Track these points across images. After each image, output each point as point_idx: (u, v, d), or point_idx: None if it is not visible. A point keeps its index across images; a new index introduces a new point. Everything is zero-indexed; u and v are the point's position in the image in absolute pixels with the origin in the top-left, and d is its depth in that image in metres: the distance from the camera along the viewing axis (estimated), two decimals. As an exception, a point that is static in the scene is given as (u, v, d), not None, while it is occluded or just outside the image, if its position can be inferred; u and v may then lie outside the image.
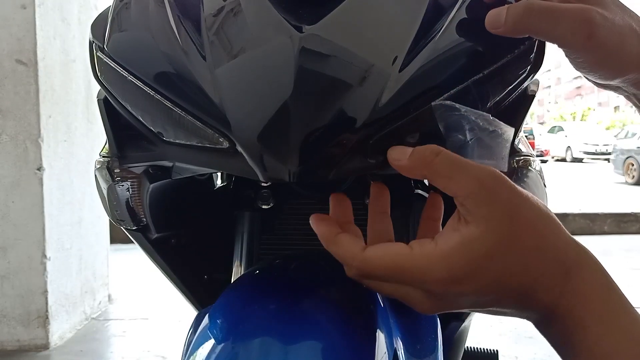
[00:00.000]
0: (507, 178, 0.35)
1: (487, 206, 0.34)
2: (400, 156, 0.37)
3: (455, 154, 0.36)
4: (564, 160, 18.78)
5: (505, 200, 0.34)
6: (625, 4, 0.43)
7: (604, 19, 0.40)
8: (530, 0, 0.39)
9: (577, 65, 0.43)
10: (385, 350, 0.40)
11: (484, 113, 0.38)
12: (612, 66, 0.42)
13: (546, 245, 0.34)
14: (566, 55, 0.43)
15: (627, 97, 0.47)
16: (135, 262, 2.75)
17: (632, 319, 0.34)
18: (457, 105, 0.38)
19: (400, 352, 0.44)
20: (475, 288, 0.34)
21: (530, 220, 0.34)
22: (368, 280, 0.37)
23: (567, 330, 0.34)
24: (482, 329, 2.42)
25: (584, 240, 0.38)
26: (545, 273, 0.34)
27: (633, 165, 10.21)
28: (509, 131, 0.39)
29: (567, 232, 0.36)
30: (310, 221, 0.40)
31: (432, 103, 0.38)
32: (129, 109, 0.45)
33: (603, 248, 3.90)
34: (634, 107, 0.47)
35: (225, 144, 0.39)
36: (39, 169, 2.11)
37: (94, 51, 0.47)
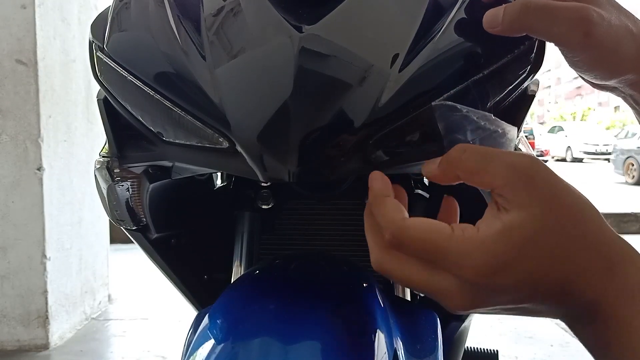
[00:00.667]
0: (544, 164, 0.33)
1: (526, 192, 0.32)
2: (431, 167, 0.36)
3: (483, 147, 0.35)
4: (564, 160, 18.78)
5: (544, 185, 0.32)
6: (620, 4, 0.43)
7: (601, 17, 0.39)
8: None
9: (574, 65, 0.43)
10: (385, 350, 0.40)
11: (486, 113, 0.38)
12: (608, 66, 0.41)
13: (590, 235, 0.32)
14: (563, 54, 0.42)
15: (624, 99, 0.46)
16: (135, 262, 2.75)
17: None
18: (458, 106, 0.38)
19: (400, 352, 0.44)
20: (515, 280, 0.32)
21: (573, 207, 0.33)
22: (398, 257, 0.35)
23: (609, 331, 0.32)
24: (482, 329, 2.42)
25: None
26: (589, 266, 0.32)
27: (633, 165, 10.21)
28: (512, 131, 0.39)
29: (608, 224, 0.34)
30: (369, 176, 0.37)
31: (432, 103, 0.38)
32: (129, 108, 0.45)
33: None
34: (630, 108, 0.47)
35: (225, 144, 0.39)
36: (39, 169, 2.11)
37: (94, 51, 0.47)
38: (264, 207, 0.63)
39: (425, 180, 0.62)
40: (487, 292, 0.33)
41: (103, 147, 0.54)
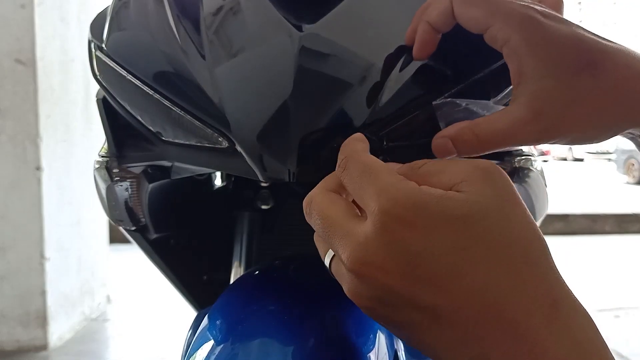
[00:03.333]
0: (511, 185, 0.30)
1: (482, 185, 0.28)
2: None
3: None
4: (565, 159, 18.78)
5: (501, 189, 0.29)
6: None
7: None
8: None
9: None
10: (386, 350, 0.40)
11: (484, 101, 0.38)
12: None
13: (536, 258, 0.28)
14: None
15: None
16: (135, 263, 2.75)
17: None
18: (457, 101, 0.38)
19: (401, 353, 0.44)
20: (433, 247, 0.27)
21: (525, 222, 0.28)
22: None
23: None
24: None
25: (585, 240, 0.36)
26: (529, 291, 0.26)
27: (634, 165, 10.22)
28: None
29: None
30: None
31: (433, 102, 0.38)
32: (128, 108, 0.44)
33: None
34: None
35: (225, 144, 0.39)
36: (37, 169, 2.10)
37: (93, 50, 0.47)
38: (263, 207, 0.62)
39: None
40: (398, 250, 0.27)
41: (102, 147, 0.54)
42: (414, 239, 0.27)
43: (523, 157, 0.52)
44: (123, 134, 0.47)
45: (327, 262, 0.32)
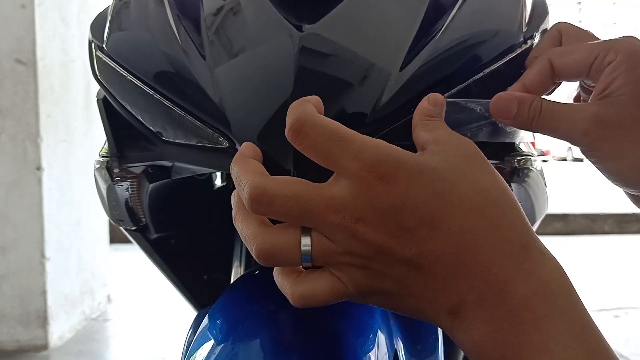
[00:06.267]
0: (477, 148, 0.32)
1: (451, 147, 0.31)
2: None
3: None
4: (565, 159, 18.78)
5: (468, 152, 0.31)
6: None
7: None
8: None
9: (607, 175, 0.40)
10: (386, 350, 0.40)
11: (485, 100, 0.38)
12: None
13: (508, 206, 0.29)
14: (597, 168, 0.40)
15: None
16: (135, 263, 2.75)
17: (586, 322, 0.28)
18: (457, 100, 0.38)
19: (401, 353, 0.44)
20: (411, 199, 0.28)
21: (494, 176, 0.30)
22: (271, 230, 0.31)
23: (518, 326, 0.27)
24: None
25: (584, 240, 0.37)
26: (502, 233, 0.28)
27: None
28: None
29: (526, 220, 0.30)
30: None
31: None
32: (129, 108, 0.44)
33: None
34: None
35: (225, 144, 0.39)
36: (38, 169, 2.10)
37: (93, 50, 0.47)
38: (263, 207, 0.62)
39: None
40: (379, 204, 0.28)
41: (102, 147, 0.54)
42: (396, 193, 0.28)
43: (523, 157, 0.52)
44: (123, 134, 0.48)
45: (305, 249, 0.30)
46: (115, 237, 2.99)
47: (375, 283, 0.30)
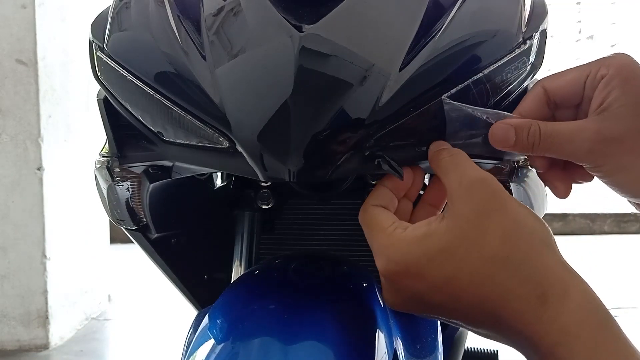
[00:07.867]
0: (499, 184, 0.33)
1: (462, 204, 0.33)
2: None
3: (459, 153, 0.36)
4: (564, 160, 18.74)
5: (480, 202, 0.32)
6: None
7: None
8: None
9: (611, 186, 0.40)
10: (386, 350, 0.40)
11: (491, 110, 0.38)
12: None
13: (519, 261, 0.31)
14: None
15: None
16: (135, 262, 2.75)
17: None
18: (457, 104, 0.38)
19: (400, 352, 0.44)
20: (428, 286, 0.32)
21: (505, 228, 0.32)
22: None
23: None
24: (482, 329, 2.41)
25: (583, 240, 0.37)
26: (516, 293, 0.30)
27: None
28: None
29: (559, 255, 0.32)
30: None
31: (433, 102, 0.38)
32: (129, 108, 0.45)
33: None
34: None
35: (225, 144, 0.39)
36: (39, 169, 2.10)
37: (94, 51, 0.47)
38: (264, 207, 0.62)
39: (425, 180, 0.62)
40: (409, 294, 0.34)
41: (103, 147, 0.54)
42: (412, 284, 0.33)
43: (522, 157, 0.52)
44: (124, 134, 0.48)
45: None
46: (116, 237, 2.99)
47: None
